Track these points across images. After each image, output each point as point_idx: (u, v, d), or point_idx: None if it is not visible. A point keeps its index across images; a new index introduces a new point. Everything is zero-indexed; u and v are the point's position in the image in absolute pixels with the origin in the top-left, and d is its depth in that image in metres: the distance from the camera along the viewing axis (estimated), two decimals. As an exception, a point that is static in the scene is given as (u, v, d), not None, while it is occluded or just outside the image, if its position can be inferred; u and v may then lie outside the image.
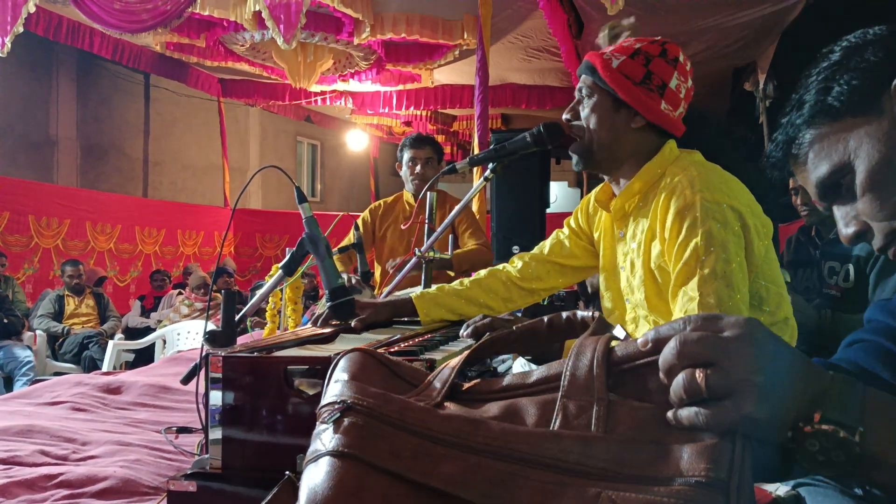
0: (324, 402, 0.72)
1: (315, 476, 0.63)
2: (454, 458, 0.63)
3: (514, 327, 0.81)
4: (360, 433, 0.65)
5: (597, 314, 0.76)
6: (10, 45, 5.25)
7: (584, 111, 1.50)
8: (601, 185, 1.67)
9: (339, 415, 0.67)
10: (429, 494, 0.62)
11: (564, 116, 1.54)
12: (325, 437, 0.66)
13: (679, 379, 0.57)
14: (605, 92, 1.47)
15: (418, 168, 3.12)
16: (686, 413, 0.57)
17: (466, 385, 0.72)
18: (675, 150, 1.52)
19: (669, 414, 0.59)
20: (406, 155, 3.17)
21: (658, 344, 0.60)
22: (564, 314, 0.79)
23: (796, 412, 0.57)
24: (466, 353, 0.76)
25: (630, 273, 1.52)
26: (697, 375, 0.56)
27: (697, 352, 0.56)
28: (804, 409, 0.57)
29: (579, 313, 0.78)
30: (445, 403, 0.70)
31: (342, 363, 0.76)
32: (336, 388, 0.72)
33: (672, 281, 1.34)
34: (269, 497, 0.76)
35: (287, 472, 0.78)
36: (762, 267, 1.40)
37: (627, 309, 1.56)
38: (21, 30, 5.20)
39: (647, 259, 1.45)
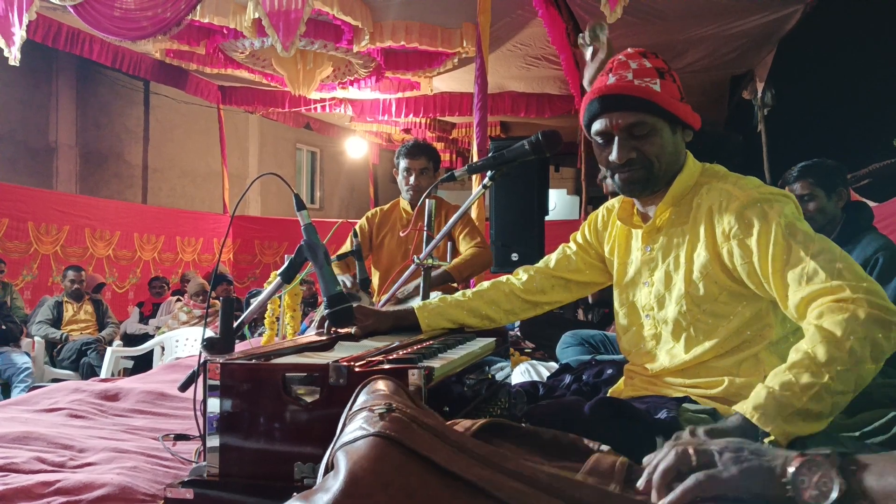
0: (359, 406, 0.76)
1: (356, 452, 0.66)
2: (486, 470, 0.69)
3: (523, 423, 0.94)
4: (404, 425, 0.69)
5: (604, 446, 0.84)
6: (19, 55, 5.25)
7: (646, 145, 1.42)
8: (616, 200, 1.65)
9: (384, 410, 0.71)
10: (462, 489, 0.67)
11: (626, 159, 1.43)
12: (367, 424, 0.69)
13: (671, 455, 0.72)
14: (664, 120, 1.43)
15: (412, 179, 3.11)
16: (689, 481, 0.70)
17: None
18: (696, 161, 1.52)
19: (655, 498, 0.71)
20: (401, 164, 3.16)
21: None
22: (572, 436, 0.87)
23: (780, 464, 0.69)
24: (478, 421, 0.84)
25: (663, 287, 1.49)
26: (689, 448, 0.72)
27: (687, 440, 0.75)
28: (784, 461, 0.69)
29: (586, 441, 0.87)
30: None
31: (375, 382, 0.81)
32: (376, 396, 0.76)
33: (769, 268, 1.30)
34: None
35: (295, 494, 0.79)
36: None
37: (647, 325, 1.54)
38: (25, 38, 5.21)
39: (690, 270, 1.43)
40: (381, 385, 0.80)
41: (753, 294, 1.37)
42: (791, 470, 0.66)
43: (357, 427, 0.70)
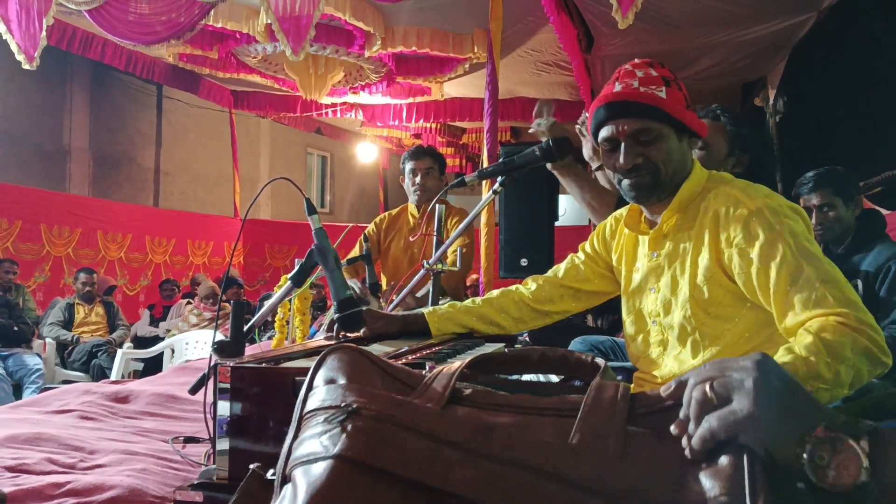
0: (316, 404, 0.67)
1: (317, 479, 0.59)
2: (468, 463, 0.61)
3: (506, 349, 0.80)
4: (368, 439, 0.61)
5: (599, 360, 0.75)
6: (38, 59, 5.29)
7: (652, 150, 1.43)
8: (621, 213, 1.66)
9: (344, 416, 0.63)
10: (441, 501, 0.60)
11: (632, 164, 1.43)
12: (326, 440, 0.62)
13: (692, 394, 0.64)
14: (669, 126, 1.43)
15: (419, 178, 3.15)
16: (701, 428, 0.62)
17: (468, 391, 0.70)
18: (703, 168, 1.52)
19: (685, 443, 0.63)
20: (407, 166, 3.20)
21: (680, 388, 0.67)
22: (561, 350, 0.78)
23: (799, 425, 0.60)
24: (464, 361, 0.75)
25: (670, 293, 1.49)
26: (706, 386, 0.64)
27: (708, 373, 0.66)
28: (807, 424, 0.60)
29: (577, 353, 0.77)
30: (452, 406, 0.67)
31: (332, 362, 0.71)
32: (334, 391, 0.67)
33: (770, 284, 1.29)
34: (236, 495, 0.73)
35: (251, 466, 0.76)
36: None
37: (653, 331, 1.54)
38: (45, 43, 5.25)
39: (694, 274, 1.44)
40: (340, 364, 0.69)
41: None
42: (809, 445, 0.58)
43: (316, 437, 0.62)
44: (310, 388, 0.70)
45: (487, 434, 0.63)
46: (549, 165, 2.17)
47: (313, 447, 0.62)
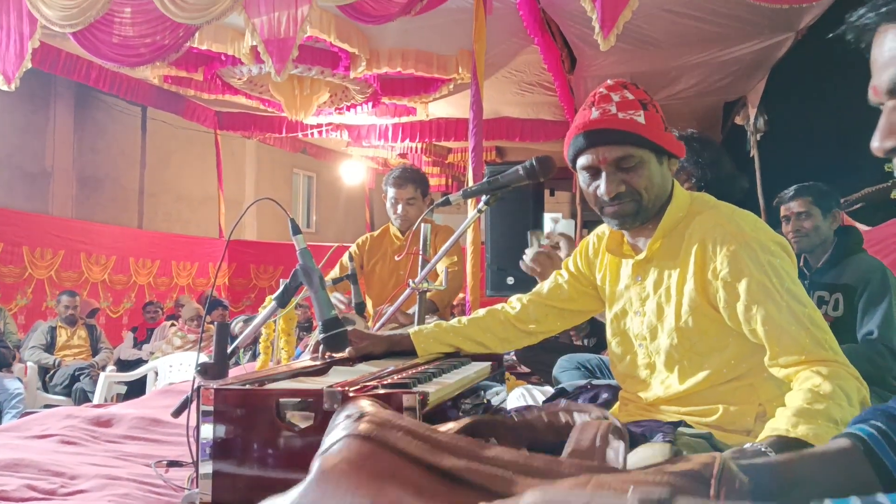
0: (335, 424, 0.74)
1: (329, 455, 0.65)
2: (461, 460, 0.66)
3: (513, 415, 0.83)
4: (376, 425, 0.68)
5: (596, 415, 0.79)
6: (18, 82, 5.27)
7: (634, 177, 1.41)
8: (603, 231, 1.64)
9: (358, 415, 0.70)
10: (437, 478, 0.64)
11: (615, 193, 1.41)
12: (339, 431, 0.68)
13: None
14: (650, 151, 1.41)
15: (400, 208, 3.13)
16: None
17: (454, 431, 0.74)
18: (685, 191, 1.51)
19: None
20: (389, 192, 3.17)
21: None
22: (563, 416, 0.82)
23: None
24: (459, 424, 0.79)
25: (655, 318, 1.48)
26: None
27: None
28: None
29: (577, 416, 0.81)
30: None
31: (356, 401, 0.78)
32: (351, 408, 0.75)
33: (759, 322, 1.30)
34: None
35: None
36: None
37: (640, 354, 1.53)
38: (29, 66, 5.24)
39: (679, 304, 1.42)
40: (360, 401, 0.79)
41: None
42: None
43: (331, 438, 0.69)
44: (335, 418, 0.75)
45: (481, 448, 0.67)
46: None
47: (328, 440, 0.68)
